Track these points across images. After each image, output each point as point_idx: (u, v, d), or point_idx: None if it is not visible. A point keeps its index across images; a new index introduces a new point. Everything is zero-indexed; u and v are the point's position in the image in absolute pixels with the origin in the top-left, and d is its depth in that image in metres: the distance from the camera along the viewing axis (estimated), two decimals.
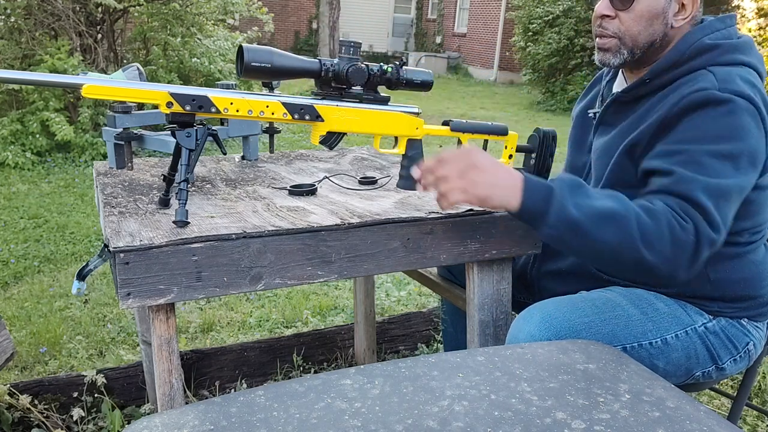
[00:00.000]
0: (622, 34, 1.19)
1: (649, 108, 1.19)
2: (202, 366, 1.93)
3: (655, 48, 1.20)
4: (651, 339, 1.17)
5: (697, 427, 0.62)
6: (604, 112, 1.30)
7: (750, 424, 1.88)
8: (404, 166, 1.23)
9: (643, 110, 1.20)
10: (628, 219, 1.01)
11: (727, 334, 1.21)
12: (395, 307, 2.73)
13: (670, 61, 1.17)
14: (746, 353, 1.24)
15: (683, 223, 1.02)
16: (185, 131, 1.02)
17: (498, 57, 15.50)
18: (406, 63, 1.20)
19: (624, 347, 1.15)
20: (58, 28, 5.39)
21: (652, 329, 1.17)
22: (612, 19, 1.20)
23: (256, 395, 0.66)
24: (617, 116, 1.27)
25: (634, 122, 1.20)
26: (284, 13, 17.00)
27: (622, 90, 1.25)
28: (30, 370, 2.12)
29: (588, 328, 1.14)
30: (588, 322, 1.13)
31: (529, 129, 1.45)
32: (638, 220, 1.01)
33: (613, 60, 1.22)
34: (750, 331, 1.24)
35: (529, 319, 1.13)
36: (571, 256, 1.29)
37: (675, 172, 1.06)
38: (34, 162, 4.99)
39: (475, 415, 0.63)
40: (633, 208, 1.03)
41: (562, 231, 1.03)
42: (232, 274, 1.01)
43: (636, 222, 1.01)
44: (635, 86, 1.22)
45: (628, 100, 1.25)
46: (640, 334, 1.16)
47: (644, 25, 1.18)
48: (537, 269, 1.41)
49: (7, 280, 2.93)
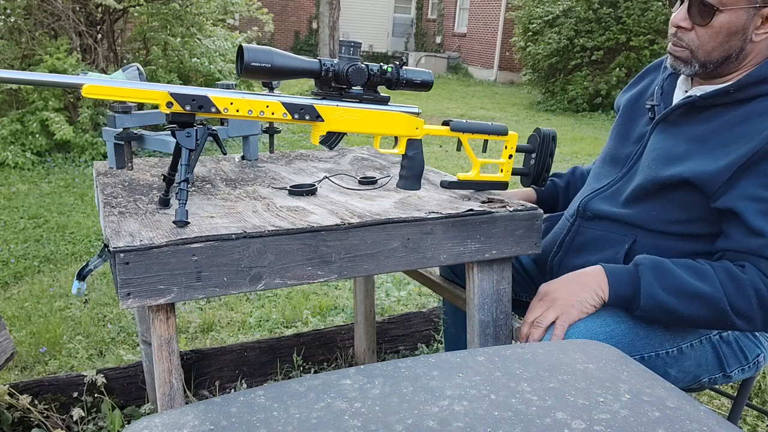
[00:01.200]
0: (696, 47, 1.13)
1: (728, 124, 1.12)
2: (202, 366, 1.92)
3: (730, 62, 1.14)
4: (668, 348, 1.16)
5: (697, 427, 0.62)
6: (671, 111, 1.22)
7: (750, 424, 1.88)
8: (404, 166, 1.23)
9: (718, 124, 1.14)
10: (719, 297, 1.06)
11: (740, 344, 1.21)
12: (395, 307, 2.73)
13: (761, 76, 1.11)
14: (755, 364, 1.24)
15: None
16: (185, 131, 1.02)
17: (498, 57, 15.50)
18: (406, 63, 1.20)
19: (642, 357, 1.14)
20: (58, 28, 5.39)
21: (670, 339, 1.16)
22: (688, 31, 1.14)
23: (256, 395, 0.66)
24: (685, 118, 1.20)
25: (709, 138, 1.14)
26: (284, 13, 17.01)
27: (701, 95, 1.17)
28: (30, 370, 2.12)
29: (609, 339, 1.12)
30: (609, 332, 1.12)
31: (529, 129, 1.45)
32: (728, 296, 1.06)
33: (684, 69, 1.17)
34: (762, 342, 1.23)
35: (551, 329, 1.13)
36: None
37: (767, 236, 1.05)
38: (34, 162, 4.99)
39: (475, 415, 0.63)
40: (722, 284, 1.06)
41: (654, 313, 1.10)
42: (232, 274, 1.01)
43: (727, 299, 1.06)
44: (717, 94, 1.15)
45: (703, 106, 1.18)
46: (657, 344, 1.15)
47: (721, 41, 1.11)
48: (560, 260, 1.35)
49: (7, 280, 2.93)
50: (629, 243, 1.22)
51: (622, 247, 1.22)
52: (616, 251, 1.23)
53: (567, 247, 1.33)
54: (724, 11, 1.08)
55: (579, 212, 1.32)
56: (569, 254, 1.33)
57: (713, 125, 1.14)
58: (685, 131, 1.18)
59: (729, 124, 1.12)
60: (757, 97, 1.11)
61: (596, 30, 10.16)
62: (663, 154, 1.20)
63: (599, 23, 10.16)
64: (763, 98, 1.10)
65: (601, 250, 1.26)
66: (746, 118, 1.10)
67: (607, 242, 1.25)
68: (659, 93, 1.28)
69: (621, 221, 1.24)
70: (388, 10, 19.33)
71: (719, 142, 1.12)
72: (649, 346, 1.14)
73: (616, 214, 1.25)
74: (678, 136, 1.19)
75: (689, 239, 1.18)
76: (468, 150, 1.27)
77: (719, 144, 1.12)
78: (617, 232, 1.24)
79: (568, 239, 1.33)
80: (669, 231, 1.19)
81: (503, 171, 1.33)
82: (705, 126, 1.16)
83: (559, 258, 1.34)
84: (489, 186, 1.34)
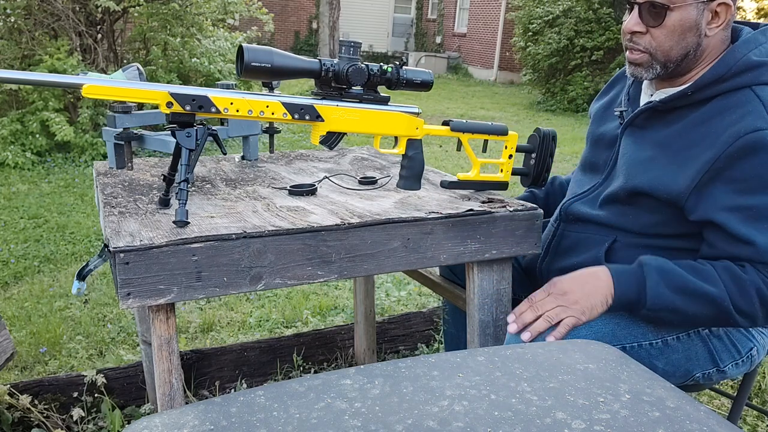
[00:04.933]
0: (654, 49, 1.14)
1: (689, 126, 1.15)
2: (202, 366, 1.93)
3: (689, 59, 1.15)
4: (651, 339, 1.17)
5: (697, 427, 0.62)
6: (635, 116, 1.24)
7: (750, 424, 1.88)
8: (404, 166, 1.23)
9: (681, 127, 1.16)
10: (723, 297, 1.09)
11: (732, 339, 1.21)
12: (395, 307, 2.73)
13: (715, 75, 1.12)
14: (749, 358, 1.24)
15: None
16: (185, 131, 1.02)
17: (498, 57, 15.50)
18: (406, 63, 1.20)
19: (623, 347, 1.15)
20: (58, 28, 5.39)
21: (653, 330, 1.17)
22: (643, 35, 1.15)
23: (256, 395, 0.66)
24: (650, 122, 1.23)
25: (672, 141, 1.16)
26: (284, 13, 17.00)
27: (661, 100, 1.19)
28: (30, 370, 2.12)
29: (588, 327, 1.14)
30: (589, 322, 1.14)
31: (529, 129, 1.45)
32: (731, 296, 1.09)
33: (645, 75, 1.18)
34: (754, 336, 1.23)
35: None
36: None
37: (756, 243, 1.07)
38: (34, 162, 4.99)
39: (475, 415, 0.63)
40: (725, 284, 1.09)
41: (661, 313, 1.12)
42: (232, 274, 1.01)
43: (730, 298, 1.08)
44: (676, 98, 1.17)
45: (665, 110, 1.20)
46: (640, 335, 1.16)
47: (677, 40, 1.13)
48: (548, 265, 1.38)
49: (7, 280, 2.93)
50: (609, 242, 1.25)
51: (603, 246, 1.25)
52: (597, 251, 1.26)
53: (554, 251, 1.36)
54: (674, 9, 1.11)
55: (561, 216, 1.35)
56: (556, 258, 1.35)
57: (676, 128, 1.17)
58: (650, 135, 1.21)
59: (690, 126, 1.15)
60: (714, 97, 1.14)
61: (596, 30, 10.17)
62: (632, 159, 1.23)
63: (599, 23, 10.16)
64: (720, 98, 1.13)
65: (585, 251, 1.29)
66: (706, 118, 1.13)
67: (590, 243, 1.28)
68: (626, 99, 1.32)
69: (601, 223, 1.27)
70: (388, 10, 19.33)
71: (682, 145, 1.15)
72: (630, 336, 1.16)
73: (595, 217, 1.28)
74: (644, 140, 1.22)
75: (667, 238, 1.21)
76: (468, 150, 1.28)
77: (682, 147, 1.15)
78: (599, 234, 1.27)
79: (554, 243, 1.35)
80: (646, 232, 1.22)
81: (503, 171, 1.33)
82: (668, 129, 1.18)
83: (547, 263, 1.37)
84: (489, 186, 1.34)
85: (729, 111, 1.11)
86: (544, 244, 1.37)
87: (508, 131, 1.30)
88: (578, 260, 1.29)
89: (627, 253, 1.23)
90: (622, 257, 1.24)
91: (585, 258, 1.28)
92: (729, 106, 1.11)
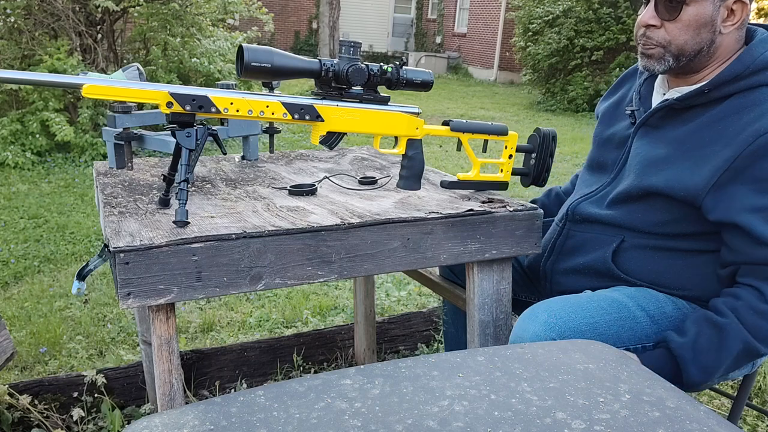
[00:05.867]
0: (667, 43, 1.15)
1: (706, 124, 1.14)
2: (202, 366, 1.93)
3: (702, 55, 1.15)
4: (654, 342, 1.17)
5: (697, 427, 0.62)
6: (650, 114, 1.24)
7: (750, 424, 1.88)
8: (404, 166, 1.23)
9: (697, 124, 1.16)
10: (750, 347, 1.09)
11: None
12: (395, 307, 2.73)
13: (733, 73, 1.12)
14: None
15: None
16: (185, 131, 1.02)
17: (498, 57, 15.49)
18: (406, 63, 1.20)
19: (627, 349, 1.14)
20: (58, 28, 5.38)
21: (657, 332, 1.17)
22: (657, 29, 1.15)
23: (256, 395, 0.66)
24: (665, 121, 1.22)
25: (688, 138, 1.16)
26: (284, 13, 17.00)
27: (678, 98, 1.18)
28: (30, 370, 2.12)
29: (593, 329, 1.13)
30: (593, 323, 1.13)
31: (529, 129, 1.45)
32: (756, 337, 1.09)
33: (657, 67, 1.18)
34: None
35: (534, 318, 1.13)
36: None
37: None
38: (34, 162, 4.99)
39: (475, 415, 0.63)
40: (748, 329, 1.09)
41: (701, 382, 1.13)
42: (232, 274, 1.01)
43: (756, 340, 1.09)
44: (692, 95, 1.17)
45: (681, 107, 1.20)
46: (643, 337, 1.16)
47: (691, 35, 1.13)
48: (552, 264, 1.36)
49: (7, 280, 2.93)
50: (617, 242, 1.24)
51: (610, 246, 1.25)
52: (605, 251, 1.25)
53: (558, 251, 1.35)
54: (690, 3, 1.11)
55: (568, 216, 1.34)
56: (561, 258, 1.35)
57: (692, 126, 1.17)
58: (665, 134, 1.21)
59: (707, 124, 1.14)
60: (731, 95, 1.13)
61: (596, 30, 10.16)
62: (646, 158, 1.22)
63: (599, 23, 10.15)
64: (737, 96, 1.13)
65: (591, 251, 1.28)
66: (722, 116, 1.13)
67: (596, 243, 1.28)
68: (637, 98, 1.31)
69: (609, 223, 1.27)
70: (388, 10, 19.32)
71: (697, 143, 1.14)
72: (634, 338, 1.16)
73: (603, 216, 1.27)
74: (659, 139, 1.21)
75: (676, 238, 1.20)
76: (468, 150, 1.28)
77: (697, 145, 1.14)
78: (606, 234, 1.27)
79: (559, 243, 1.35)
80: (655, 231, 1.21)
81: (503, 171, 1.33)
82: (684, 127, 1.18)
83: (552, 262, 1.36)
84: (489, 186, 1.34)
85: (747, 109, 1.10)
86: (549, 244, 1.36)
87: (508, 131, 1.30)
88: (584, 260, 1.29)
89: (635, 253, 1.23)
90: (629, 258, 1.23)
91: (592, 258, 1.28)
92: (746, 104, 1.11)
